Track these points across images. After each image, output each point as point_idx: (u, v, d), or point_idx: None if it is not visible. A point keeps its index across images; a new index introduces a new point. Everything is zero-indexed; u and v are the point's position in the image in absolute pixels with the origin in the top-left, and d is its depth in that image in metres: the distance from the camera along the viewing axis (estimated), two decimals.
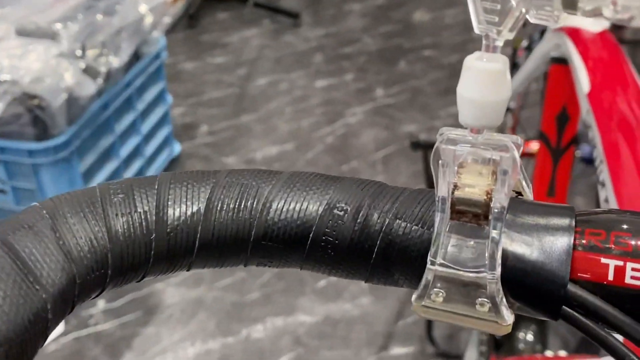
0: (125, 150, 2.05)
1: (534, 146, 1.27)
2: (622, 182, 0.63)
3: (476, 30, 0.33)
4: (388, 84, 2.82)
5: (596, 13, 0.31)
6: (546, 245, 0.32)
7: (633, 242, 0.31)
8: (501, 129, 1.59)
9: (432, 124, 2.58)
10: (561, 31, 1.01)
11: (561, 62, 1.04)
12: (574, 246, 0.32)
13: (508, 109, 1.62)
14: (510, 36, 0.33)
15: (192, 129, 2.56)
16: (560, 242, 0.32)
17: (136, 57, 2.08)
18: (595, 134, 0.72)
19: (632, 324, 0.31)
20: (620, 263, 0.31)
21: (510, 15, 0.32)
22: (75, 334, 1.76)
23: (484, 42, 0.33)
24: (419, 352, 1.72)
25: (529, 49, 1.32)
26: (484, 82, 0.32)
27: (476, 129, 0.33)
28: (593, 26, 0.96)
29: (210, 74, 2.89)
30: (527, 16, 0.33)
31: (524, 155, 1.50)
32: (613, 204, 0.62)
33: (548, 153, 1.10)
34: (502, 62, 0.33)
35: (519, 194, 0.36)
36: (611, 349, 0.31)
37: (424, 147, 1.64)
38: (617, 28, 2.68)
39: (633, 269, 0.31)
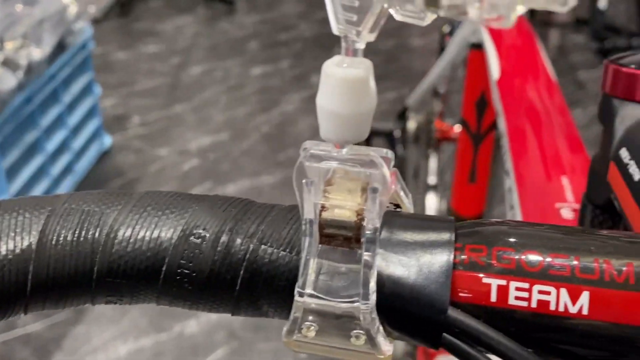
0: (51, 144, 1.99)
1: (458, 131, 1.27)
2: (525, 172, 0.62)
3: (335, 31, 0.29)
4: None
5: (460, 12, 0.28)
6: (424, 265, 0.29)
7: (516, 258, 0.28)
8: (430, 114, 1.59)
9: None
10: None
11: (479, 48, 1.03)
12: (454, 265, 0.29)
13: (437, 94, 1.62)
14: (372, 37, 0.29)
15: (123, 120, 2.50)
16: (440, 261, 0.29)
17: (61, 48, 2.01)
18: (502, 121, 0.71)
19: (517, 350, 0.28)
20: (503, 282, 0.28)
21: (370, 13, 0.28)
22: (3, 337, 1.71)
23: (343, 44, 0.29)
24: None
25: (452, 34, 1.31)
26: (345, 92, 0.29)
27: (340, 143, 0.30)
28: None
29: (143, 64, 2.82)
30: (393, 14, 0.30)
31: (448, 140, 1.50)
32: (514, 194, 0.60)
33: (468, 139, 1.10)
34: (364, 68, 0.29)
35: (398, 206, 0.33)
36: None
37: None
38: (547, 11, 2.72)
39: (517, 289, 0.28)
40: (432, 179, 1.68)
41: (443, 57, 1.27)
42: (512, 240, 0.29)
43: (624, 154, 0.38)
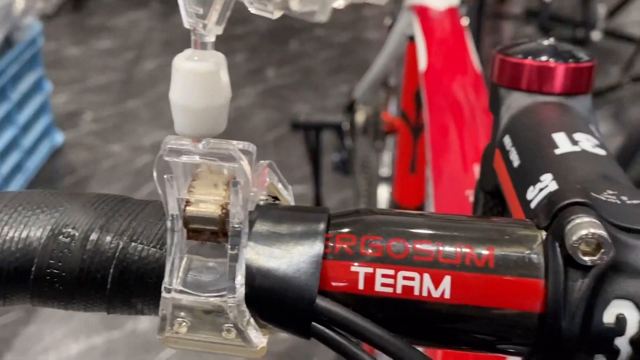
0: (0, 143, 1.96)
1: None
2: (443, 162, 0.63)
3: (185, 25, 0.29)
4: (279, 64, 2.80)
5: (284, 5, 0.28)
6: (295, 256, 0.29)
7: (383, 246, 0.29)
8: (377, 107, 1.60)
9: (323, 104, 2.58)
10: (412, 9, 1.01)
11: (415, 40, 1.04)
12: (325, 255, 0.29)
13: (386, 86, 1.63)
14: (219, 30, 0.29)
15: (75, 116, 2.47)
16: (310, 252, 0.29)
17: (7, 44, 1.98)
18: (425, 114, 0.72)
19: (384, 335, 0.29)
20: (370, 270, 0.29)
21: (214, 6, 0.28)
22: None
23: (192, 38, 0.29)
24: None
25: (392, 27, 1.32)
26: (196, 86, 0.29)
27: (196, 138, 0.30)
28: (439, 3, 0.96)
29: (96, 59, 2.79)
30: (248, 7, 0.30)
31: (393, 132, 1.51)
32: (430, 183, 0.61)
33: (408, 130, 1.11)
34: (214, 62, 0.29)
35: (276, 198, 0.33)
36: None
37: (304, 128, 1.63)
38: (500, 1, 2.70)
39: (383, 275, 0.29)
40: (383, 171, 1.70)
41: (384, 50, 1.27)
42: (380, 229, 0.30)
43: (507, 141, 0.39)
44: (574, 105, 0.40)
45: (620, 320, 0.27)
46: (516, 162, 0.37)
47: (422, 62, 0.82)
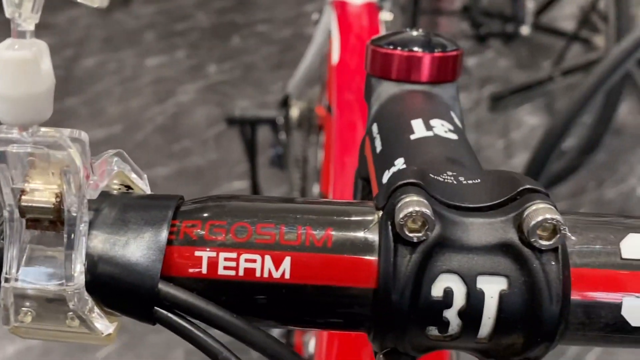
0: None
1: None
2: (347, 159, 0.65)
3: (7, 15, 0.29)
4: (221, 60, 2.79)
5: None
6: (140, 243, 0.30)
7: (227, 230, 0.30)
8: (311, 101, 1.62)
9: (264, 99, 2.58)
10: (331, 4, 1.03)
11: None
12: (170, 241, 0.30)
13: (321, 80, 1.65)
14: (36, 19, 0.29)
15: None
16: (154, 238, 0.30)
17: None
18: (333, 108, 0.74)
19: (227, 317, 0.30)
20: (214, 254, 0.30)
21: None
22: None
23: (12, 27, 0.29)
24: None
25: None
26: (15, 74, 0.29)
27: (22, 126, 0.30)
28: None
29: None
30: None
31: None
32: (332, 178, 0.63)
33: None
34: (33, 50, 0.29)
35: (130, 187, 0.34)
36: (205, 348, 0.30)
37: (240, 123, 1.64)
38: None
39: (226, 259, 0.30)
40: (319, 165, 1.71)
41: (311, 45, 1.29)
42: (225, 213, 0.31)
43: (374, 128, 0.41)
44: (439, 93, 0.42)
45: (448, 293, 0.29)
46: (378, 148, 0.39)
47: (335, 56, 0.84)
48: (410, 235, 0.29)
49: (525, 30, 2.08)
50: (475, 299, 0.29)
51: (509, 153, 2.23)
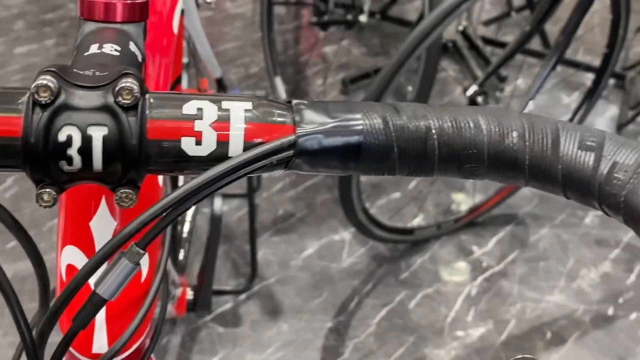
0: None
1: None
2: None
3: None
4: None
5: None
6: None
7: None
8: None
9: None
10: None
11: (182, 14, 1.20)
12: None
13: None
14: None
15: None
16: None
17: None
18: None
19: None
20: None
21: None
22: None
23: None
24: None
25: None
26: None
27: None
28: None
29: None
30: None
31: None
32: None
33: None
34: None
35: None
36: None
37: None
38: None
39: None
40: None
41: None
42: None
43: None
44: (128, 30, 0.57)
45: (69, 138, 0.44)
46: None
47: None
48: (40, 99, 0.44)
49: (363, 18, 2.27)
50: (86, 141, 0.44)
51: None
